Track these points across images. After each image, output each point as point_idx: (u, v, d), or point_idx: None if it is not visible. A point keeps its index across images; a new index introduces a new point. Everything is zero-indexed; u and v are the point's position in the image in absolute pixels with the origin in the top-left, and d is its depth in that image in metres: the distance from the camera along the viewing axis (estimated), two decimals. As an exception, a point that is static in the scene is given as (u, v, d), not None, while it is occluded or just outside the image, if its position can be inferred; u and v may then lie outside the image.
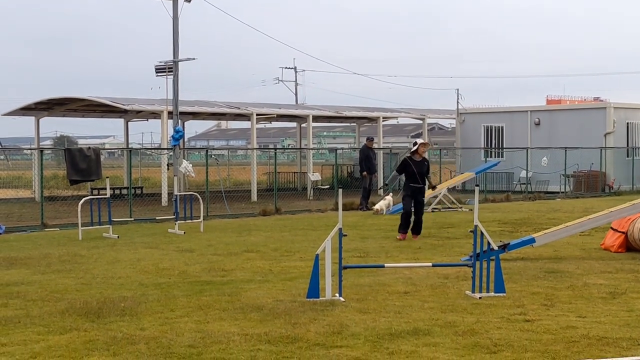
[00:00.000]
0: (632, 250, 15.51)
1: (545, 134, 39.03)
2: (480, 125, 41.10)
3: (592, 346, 8.14)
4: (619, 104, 39.17)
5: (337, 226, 10.81)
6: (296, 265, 14.04)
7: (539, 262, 14.11)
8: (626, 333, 8.74)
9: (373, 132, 48.27)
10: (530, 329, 8.94)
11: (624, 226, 15.73)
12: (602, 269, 13.45)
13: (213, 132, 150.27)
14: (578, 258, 14.81)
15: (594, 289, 11.48)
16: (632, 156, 38.72)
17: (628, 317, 9.59)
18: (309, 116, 38.28)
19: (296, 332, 8.81)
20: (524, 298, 10.82)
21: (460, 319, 9.49)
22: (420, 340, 8.46)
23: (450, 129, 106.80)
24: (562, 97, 47.34)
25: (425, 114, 44.05)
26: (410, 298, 10.87)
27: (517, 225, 21.34)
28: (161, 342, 8.42)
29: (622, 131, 38.59)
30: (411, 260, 14.41)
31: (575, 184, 36.87)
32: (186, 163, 25.42)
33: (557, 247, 15.91)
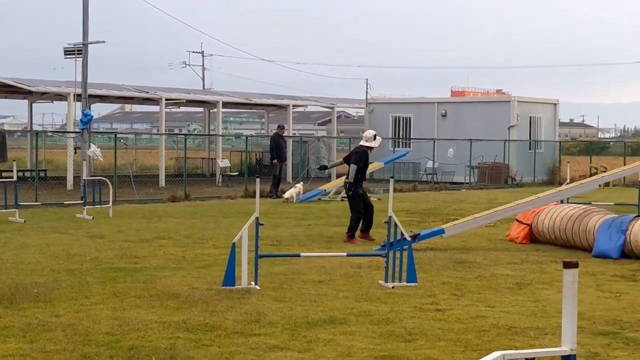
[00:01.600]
0: (536, 242, 16.01)
1: (451, 125, 39.73)
2: (388, 116, 41.60)
3: (502, 335, 8.43)
4: (523, 98, 40.13)
5: (254, 215, 10.90)
6: (210, 253, 14.08)
7: (448, 253, 14.46)
8: (533, 323, 9.07)
9: (281, 119, 48.31)
10: (442, 318, 9.20)
11: (528, 218, 16.22)
12: (508, 260, 13.87)
13: (117, 115, 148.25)
14: (485, 249, 15.22)
15: (501, 280, 11.85)
16: (534, 149, 39.73)
17: (534, 307, 9.94)
18: (218, 102, 38.17)
19: (214, 320, 8.89)
20: (435, 288, 11.10)
21: (374, 308, 9.70)
22: (336, 328, 8.63)
23: (357, 118, 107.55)
24: (466, 89, 48.21)
25: (334, 103, 44.39)
26: (325, 287, 11.04)
27: (425, 215, 21.75)
28: (78, 329, 8.40)
29: (525, 125, 39.57)
30: (324, 250, 14.60)
31: (480, 175, 37.67)
32: (94, 147, 25.14)
33: (465, 238, 16.31)
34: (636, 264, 13.47)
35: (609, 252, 14.12)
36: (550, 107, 41.62)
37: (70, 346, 7.76)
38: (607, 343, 8.21)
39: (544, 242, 15.91)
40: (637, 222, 14.27)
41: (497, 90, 51.58)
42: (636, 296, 10.78)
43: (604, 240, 14.29)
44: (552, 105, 41.72)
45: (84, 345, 7.79)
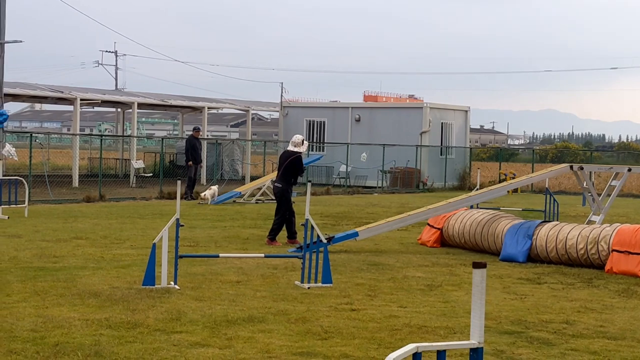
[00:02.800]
0: (447, 245, 16.57)
1: (365, 130, 40.32)
2: (303, 119, 41.99)
3: (414, 334, 8.85)
4: (435, 104, 40.96)
5: (174, 216, 11.13)
6: (128, 253, 14.22)
7: (361, 255, 14.88)
8: (443, 322, 9.51)
9: (195, 121, 48.26)
10: (356, 318, 9.58)
11: (439, 223, 16.76)
12: (419, 262, 14.36)
13: (26, 113, 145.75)
14: (397, 252, 15.70)
15: (413, 281, 12.30)
16: (445, 155, 40.58)
17: (444, 308, 10.40)
18: (134, 103, 38.04)
19: (136, 318, 9.11)
20: (349, 289, 11.48)
21: (291, 307, 10.03)
22: (255, 326, 8.94)
23: (270, 120, 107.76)
24: (378, 93, 48.90)
25: (249, 106, 44.61)
26: (243, 287, 11.33)
27: (339, 218, 22.17)
28: (2, 327, 8.53)
29: (437, 130, 40.39)
30: (240, 251, 14.87)
31: (392, 179, 38.35)
32: (9, 146, 24.85)
33: (378, 241, 16.76)
34: (541, 268, 14.08)
35: (515, 256, 14.72)
36: (462, 114, 42.56)
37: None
38: (512, 341, 8.69)
39: (454, 245, 16.47)
40: (543, 228, 14.91)
41: (409, 96, 52.40)
42: (540, 298, 11.33)
43: (511, 244, 14.88)
44: (463, 112, 42.66)
45: (9, 342, 7.94)
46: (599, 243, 14.02)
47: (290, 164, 16.23)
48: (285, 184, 16.27)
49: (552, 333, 9.15)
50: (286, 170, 16.26)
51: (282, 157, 16.67)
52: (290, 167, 16.23)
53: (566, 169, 17.38)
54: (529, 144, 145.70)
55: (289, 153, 16.41)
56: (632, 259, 13.46)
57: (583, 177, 17.16)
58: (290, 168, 16.23)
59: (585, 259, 14.17)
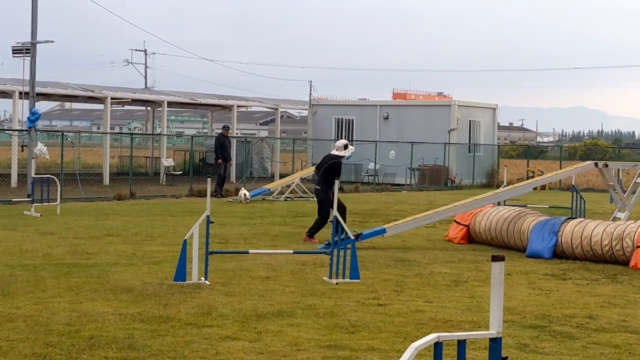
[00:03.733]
0: (473, 242, 16.72)
1: (393, 128, 40.49)
2: (331, 117, 42.22)
3: (439, 328, 9.03)
4: (463, 102, 41.06)
5: (205, 213, 11.38)
6: (159, 250, 14.51)
7: (389, 251, 15.07)
8: (468, 317, 9.70)
9: (224, 119, 48.52)
10: (383, 312, 9.79)
11: (466, 220, 16.91)
12: (446, 258, 14.53)
13: (56, 112, 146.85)
14: (424, 248, 15.88)
15: (439, 277, 12.48)
16: (473, 152, 40.65)
17: (470, 303, 10.58)
18: (164, 102, 38.41)
19: (168, 312, 9.37)
20: (376, 284, 11.69)
21: (319, 302, 10.26)
22: (284, 321, 9.17)
23: (299, 118, 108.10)
24: (407, 91, 49.00)
25: (278, 104, 44.88)
26: (272, 282, 11.57)
27: (367, 215, 22.36)
28: (38, 320, 8.82)
29: (465, 128, 40.47)
30: (269, 248, 15.11)
31: (420, 177, 38.46)
32: (41, 145, 25.29)
33: (405, 238, 16.95)
34: (566, 264, 14.21)
35: (541, 253, 14.85)
36: (490, 112, 42.60)
37: (32, 335, 8.19)
38: (535, 335, 8.86)
39: (480, 242, 16.63)
40: (568, 224, 15.02)
41: (438, 93, 52.53)
42: (564, 293, 11.47)
43: (537, 241, 15.01)
44: (491, 109, 42.71)
45: (45, 335, 8.22)
46: (623, 239, 14.13)
47: (329, 167, 16.61)
48: (325, 186, 16.56)
49: (575, 327, 9.30)
50: (325, 173, 16.62)
51: (324, 159, 17.11)
52: (329, 170, 16.58)
53: (591, 166, 17.47)
54: (558, 141, 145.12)
55: (331, 157, 16.87)
56: (657, 255, 13.55)
57: (608, 174, 17.23)
58: (329, 171, 16.57)
59: (610, 255, 14.28)
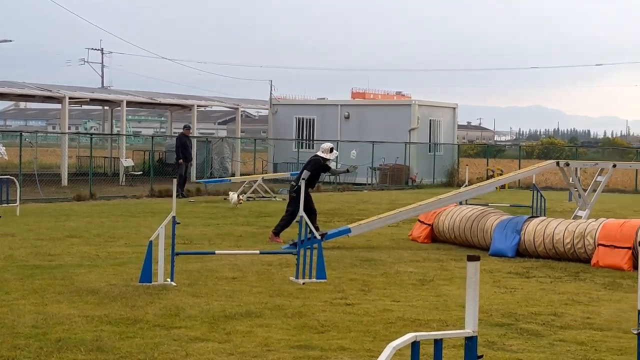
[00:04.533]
0: (437, 241, 16.81)
1: (354, 127, 40.56)
2: (292, 117, 42.20)
3: (407, 327, 9.07)
4: (423, 101, 41.25)
5: (171, 213, 11.33)
6: (123, 251, 14.41)
7: (354, 251, 15.11)
8: (436, 315, 9.75)
9: (184, 119, 48.23)
10: (351, 312, 9.81)
11: (430, 219, 17.00)
12: (411, 258, 14.60)
13: (11, 112, 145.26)
14: (389, 248, 15.94)
15: (405, 276, 12.54)
16: (433, 152, 40.85)
17: (437, 302, 10.64)
18: (122, 102, 38.13)
19: (135, 314, 9.31)
20: (343, 284, 11.71)
21: (287, 302, 10.25)
22: (253, 321, 9.15)
23: (258, 117, 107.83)
24: (366, 91, 49.14)
25: (238, 104, 44.75)
26: (239, 283, 11.54)
27: (330, 215, 22.40)
28: (4, 323, 8.72)
29: (426, 127, 40.66)
30: (234, 248, 15.07)
31: (381, 176, 38.58)
32: (0, 145, 25.02)
33: (369, 237, 16.99)
34: (529, 262, 14.33)
35: (504, 251, 14.97)
36: (450, 111, 42.85)
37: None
38: (503, 333, 8.93)
39: (444, 241, 16.71)
40: (531, 223, 15.16)
41: (396, 93, 52.73)
42: (529, 291, 11.57)
43: (500, 239, 15.13)
44: (451, 109, 42.96)
45: (12, 338, 8.13)
46: (585, 237, 14.29)
47: (314, 166, 16.61)
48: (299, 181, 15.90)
49: (541, 325, 9.40)
50: (302, 169, 16.75)
51: (310, 160, 17.07)
52: (315, 169, 16.64)
53: (553, 165, 17.64)
54: (516, 140, 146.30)
55: (317, 158, 16.76)
56: (618, 253, 13.73)
57: (569, 173, 17.41)
58: (315, 170, 16.64)
59: (572, 253, 14.43)
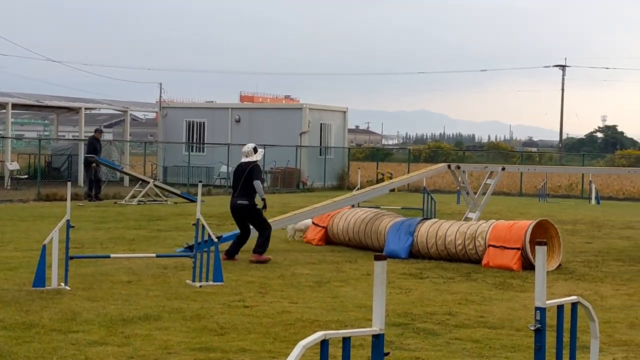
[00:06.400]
0: (331, 243, 16.97)
1: (245, 130, 40.50)
2: (182, 120, 41.89)
3: (306, 328, 9.16)
4: (314, 105, 41.51)
5: (65, 217, 11.15)
6: (13, 256, 14.09)
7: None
8: (334, 316, 9.88)
9: (71, 122, 47.31)
10: (250, 314, 9.85)
11: (324, 221, 17.15)
12: (306, 260, 14.71)
13: None
14: (284, 250, 16.02)
15: (301, 278, 12.64)
16: (324, 155, 41.15)
17: (334, 303, 10.77)
18: (8, 104, 37.18)
19: (30, 319, 9.14)
20: (240, 286, 11.73)
21: (185, 305, 10.22)
22: (152, 324, 9.10)
23: (145, 120, 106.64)
24: (255, 94, 49.20)
25: (127, 107, 44.17)
26: (135, 287, 11.44)
27: (223, 218, 22.29)
28: None
29: (316, 131, 40.94)
30: (127, 252, 14.90)
31: (272, 179, 38.66)
32: None
33: (261, 240, 17.00)
34: (422, 263, 14.61)
35: (398, 252, 15.22)
36: (340, 115, 43.23)
37: None
38: (400, 333, 9.11)
39: (338, 243, 16.89)
40: (424, 225, 15.47)
41: (285, 96, 52.95)
42: (423, 292, 11.82)
43: (394, 241, 15.38)
44: (341, 112, 43.35)
45: None
46: (476, 239, 14.66)
47: (248, 175, 14.63)
48: (251, 199, 14.67)
49: (436, 324, 9.62)
50: (246, 182, 14.63)
51: (237, 171, 15.00)
52: (250, 178, 14.62)
53: (444, 168, 18.02)
54: (403, 143, 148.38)
55: (245, 164, 14.81)
56: (507, 254, 14.13)
57: (460, 176, 17.81)
58: (250, 179, 14.61)
59: (464, 254, 14.79)
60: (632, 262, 15.67)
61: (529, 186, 42.20)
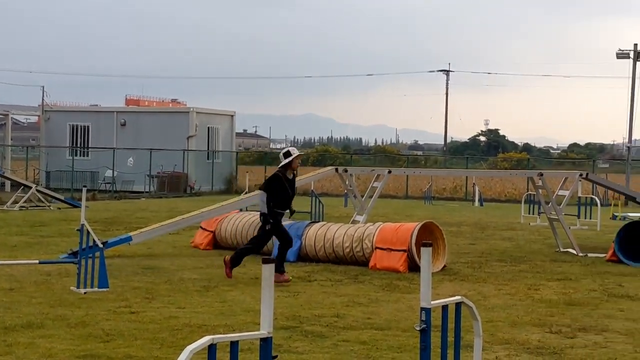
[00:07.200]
0: (220, 247, 16.88)
1: (131, 134, 40.01)
2: (65, 124, 41.09)
3: (194, 333, 9.09)
4: (201, 109, 41.29)
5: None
6: None
7: (135, 259, 14.94)
8: (222, 321, 9.83)
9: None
10: (137, 320, 9.71)
11: (212, 225, 17.06)
12: (194, 264, 14.61)
13: None
14: (171, 255, 15.87)
15: (189, 283, 12.54)
16: (212, 159, 40.96)
17: (222, 307, 10.72)
18: None
19: None
20: (126, 292, 11.56)
21: (70, 312, 10.01)
22: (35, 332, 8.89)
23: (27, 124, 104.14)
24: (141, 97, 48.68)
25: (8, 110, 43.12)
26: (17, 294, 11.15)
27: (108, 224, 21.98)
28: None
29: (204, 135, 40.71)
30: (9, 258, 14.51)
31: (159, 184, 38.26)
32: None
33: (151, 245, 16.83)
34: (310, 267, 14.68)
35: (287, 256, 15.20)
36: (228, 119, 43.12)
37: None
38: (288, 336, 9.13)
39: (226, 247, 16.79)
40: (312, 228, 15.55)
41: (172, 100, 52.49)
42: (311, 295, 11.87)
43: (282, 244, 15.37)
44: (229, 116, 43.25)
45: None
46: (363, 241, 14.81)
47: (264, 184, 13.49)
48: (267, 208, 13.20)
49: (324, 326, 9.67)
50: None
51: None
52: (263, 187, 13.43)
53: (331, 171, 18.13)
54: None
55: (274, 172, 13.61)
56: (394, 256, 14.32)
57: (347, 179, 17.95)
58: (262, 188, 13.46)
59: (351, 257, 14.92)
60: (513, 262, 16.09)
61: (415, 189, 42.89)
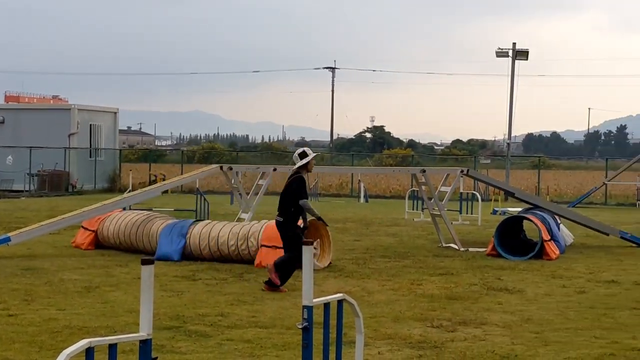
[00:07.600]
0: (102, 247, 16.60)
1: (9, 132, 38.97)
2: (-61, 121, 39.75)
3: (74, 335, 8.91)
4: (83, 106, 40.50)
5: None
6: None
7: (14, 260, 14.57)
8: (103, 322, 9.68)
9: None
10: (15, 323, 9.48)
11: (93, 225, 16.76)
12: (75, 265, 14.33)
13: None
14: (52, 255, 15.53)
15: (70, 284, 12.29)
16: (95, 157, 40.24)
17: (104, 308, 10.55)
18: None
19: None
20: (4, 294, 11.27)
21: (-56, 316, 9.70)
22: None
23: None
24: (21, 94, 47.48)
25: None
26: None
27: (-13, 224, 21.39)
28: None
29: (86, 132, 39.94)
30: None
31: (40, 183, 37.39)
32: None
33: (30, 246, 16.43)
34: (195, 265, 14.57)
35: (170, 255, 15.10)
36: (111, 116, 42.43)
37: None
38: (171, 336, 9.04)
39: (109, 247, 16.54)
40: (197, 226, 15.44)
41: (53, 97, 51.31)
42: (196, 294, 11.79)
43: (166, 243, 15.25)
44: (112, 113, 42.56)
45: None
46: (248, 239, 14.78)
47: (286, 188, 12.57)
48: (287, 215, 12.50)
49: (208, 326, 9.62)
50: (283, 197, 12.57)
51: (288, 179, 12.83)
52: (287, 192, 12.52)
53: (216, 169, 18.04)
54: (177, 145, 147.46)
55: (290, 174, 12.80)
56: (279, 253, 14.28)
57: (232, 177, 17.89)
58: (287, 194, 12.51)
59: (237, 255, 14.87)
60: (397, 258, 16.31)
61: (301, 186, 42.97)
